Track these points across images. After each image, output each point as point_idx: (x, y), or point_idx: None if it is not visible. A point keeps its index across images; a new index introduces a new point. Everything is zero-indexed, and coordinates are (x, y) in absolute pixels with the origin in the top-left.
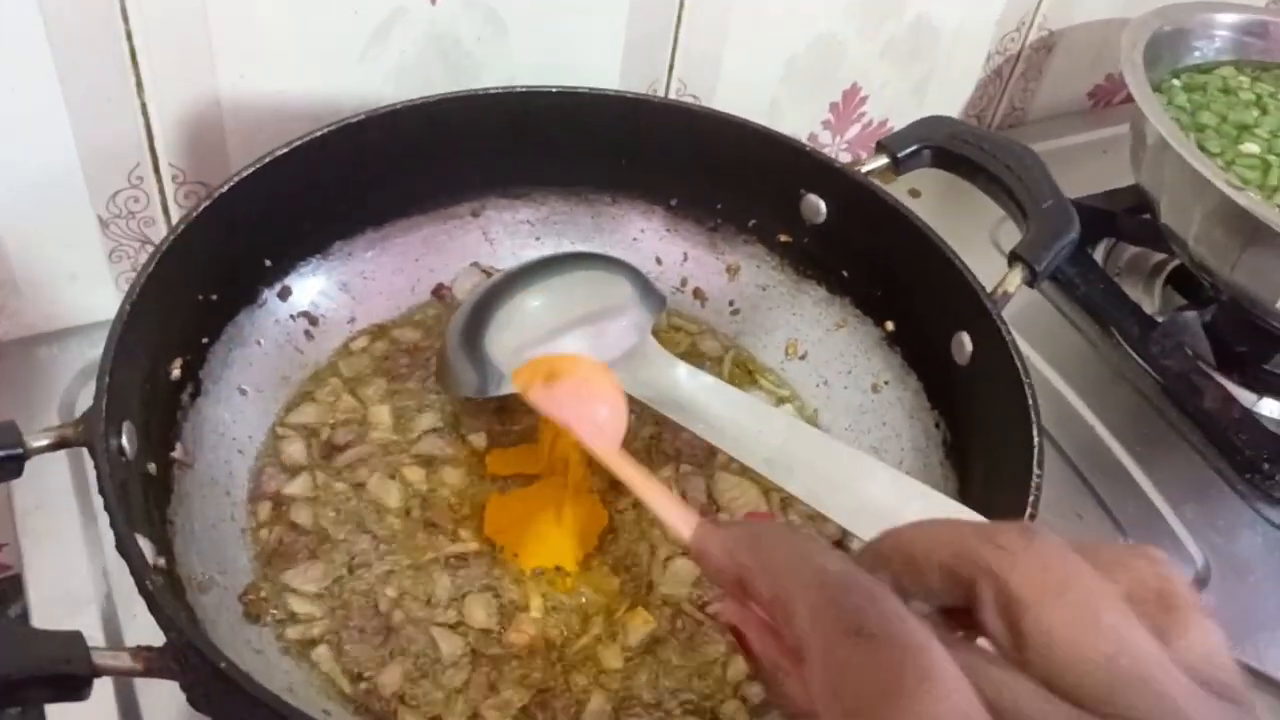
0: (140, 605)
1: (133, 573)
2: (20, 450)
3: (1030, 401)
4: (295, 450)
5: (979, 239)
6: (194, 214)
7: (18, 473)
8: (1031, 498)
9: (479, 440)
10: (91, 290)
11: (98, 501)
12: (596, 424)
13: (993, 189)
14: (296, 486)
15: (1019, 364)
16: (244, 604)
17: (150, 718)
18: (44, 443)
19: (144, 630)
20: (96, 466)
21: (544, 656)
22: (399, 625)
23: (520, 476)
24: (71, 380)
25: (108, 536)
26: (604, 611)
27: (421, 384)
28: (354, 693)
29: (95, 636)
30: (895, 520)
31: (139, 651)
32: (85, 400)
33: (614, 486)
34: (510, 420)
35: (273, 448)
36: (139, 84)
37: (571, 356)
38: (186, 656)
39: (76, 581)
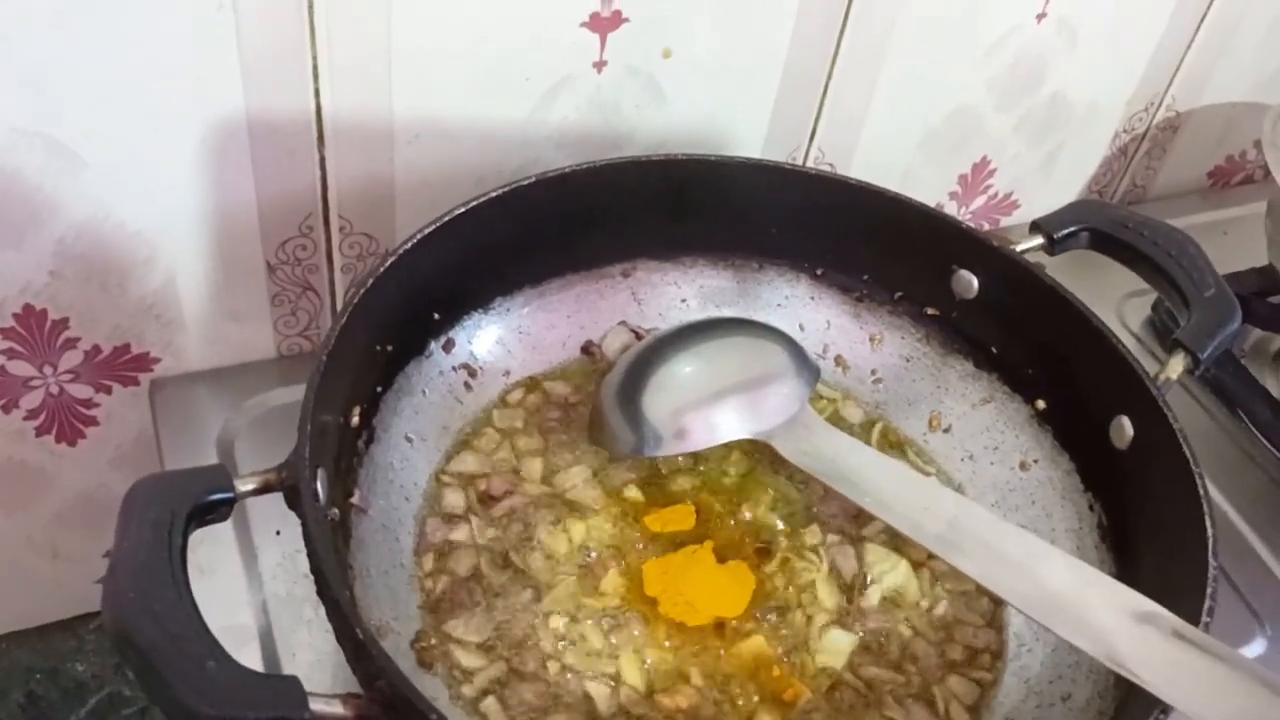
0: (299, 644)
1: (339, 621)
2: (232, 494)
3: (1202, 491)
4: (455, 500)
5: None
6: (382, 268)
7: (227, 516)
8: (1209, 589)
9: (631, 493)
10: (251, 332)
11: (258, 539)
12: None
13: (1152, 275)
14: (457, 535)
15: (1188, 452)
16: (416, 651)
17: None
18: (251, 487)
19: (303, 668)
20: (303, 515)
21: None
22: (556, 677)
23: (673, 534)
24: (227, 418)
25: (267, 574)
26: (756, 680)
27: (571, 437)
28: None
29: None
30: (1072, 605)
31: (349, 699)
32: (243, 437)
33: (760, 552)
34: (658, 477)
35: (435, 495)
36: (320, 138)
37: None
38: (395, 705)
39: (238, 617)
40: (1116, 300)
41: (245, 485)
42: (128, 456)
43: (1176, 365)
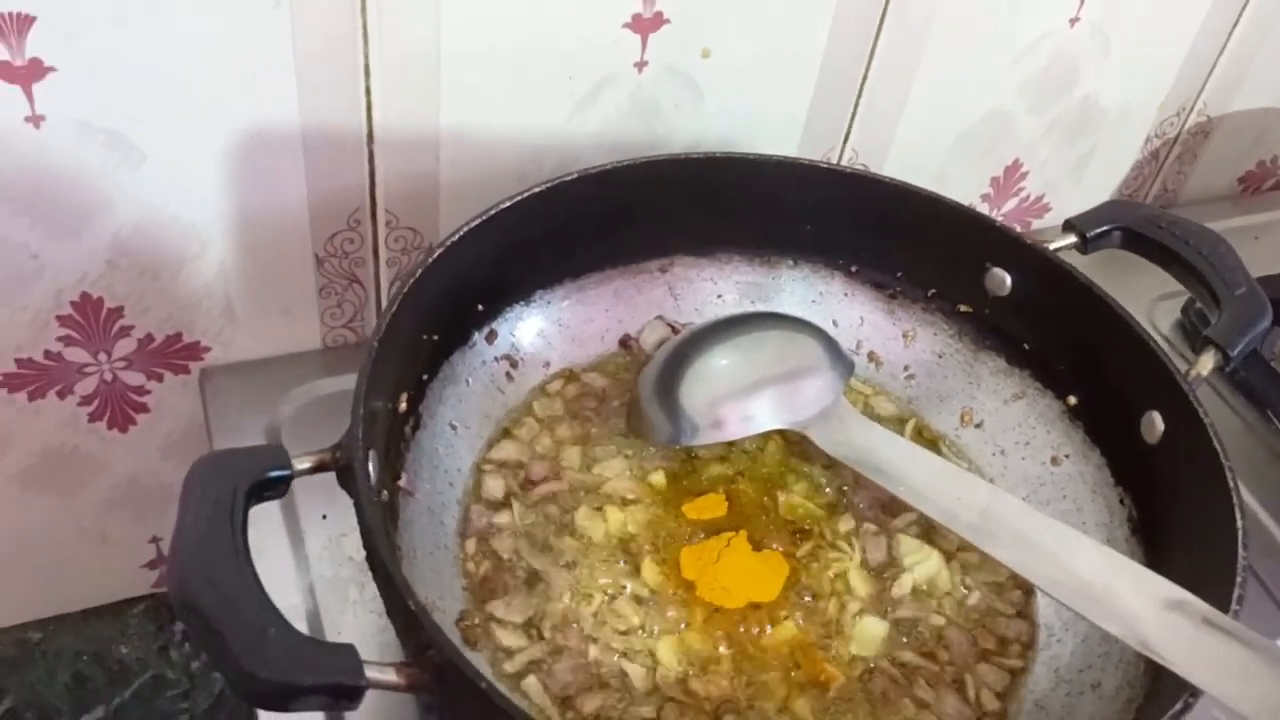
0: (345, 624)
1: (391, 596)
2: (289, 472)
3: (1232, 484)
4: (496, 486)
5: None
6: (430, 259)
7: (284, 493)
8: (1239, 579)
9: (665, 481)
10: (298, 323)
11: (305, 523)
12: None
13: (1184, 274)
14: (499, 520)
15: (1219, 447)
16: (460, 630)
17: None
18: (307, 465)
19: None
20: (356, 493)
21: (731, 708)
22: (595, 656)
23: (708, 521)
24: (276, 406)
25: (313, 556)
26: (790, 665)
27: (608, 428)
28: None
29: None
30: (1103, 592)
31: (402, 667)
32: (290, 425)
33: (794, 540)
34: (693, 465)
35: (477, 482)
36: (370, 135)
37: None
38: (445, 676)
39: (285, 598)
40: (1147, 303)
41: (302, 464)
42: (177, 444)
43: (1207, 362)
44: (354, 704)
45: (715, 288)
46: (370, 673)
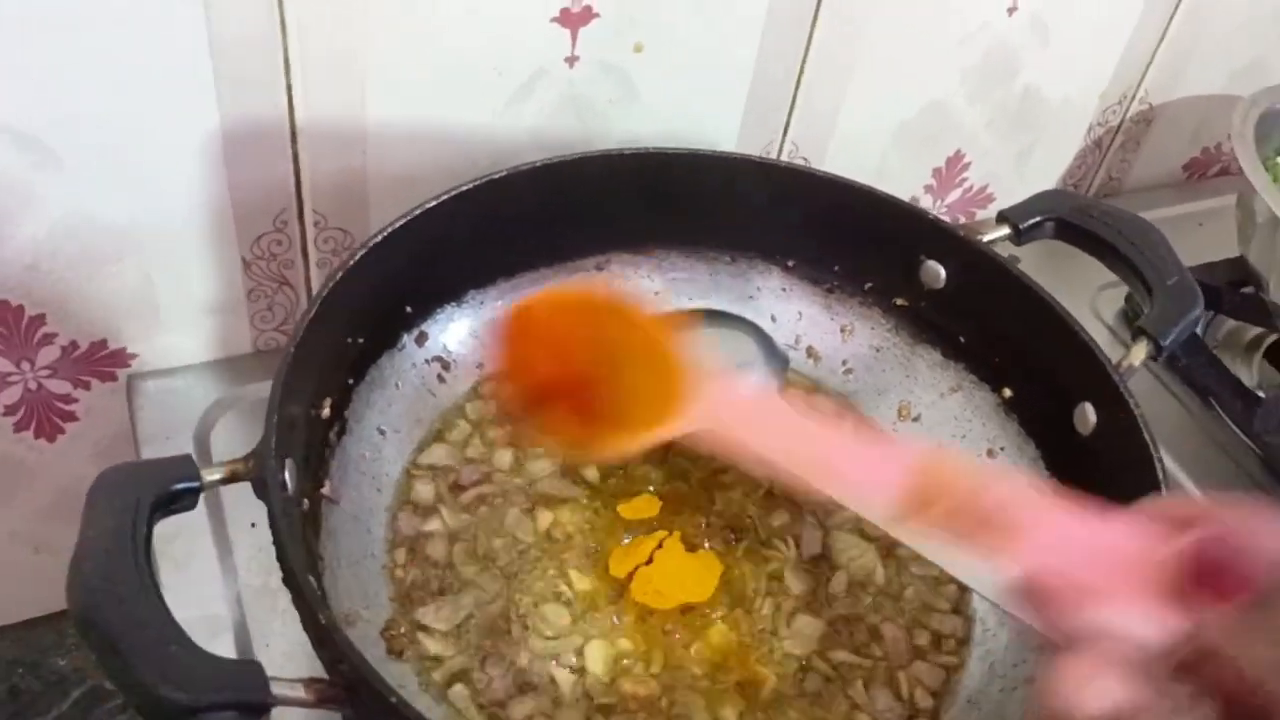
0: (273, 634)
1: (303, 608)
2: (198, 484)
3: (1160, 475)
4: (426, 491)
5: (1078, 308)
6: (351, 261)
7: (193, 505)
8: None
9: (593, 477)
10: (228, 327)
11: (233, 531)
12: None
13: (1116, 263)
14: (429, 526)
15: (1148, 438)
16: (385, 639)
17: None
18: (217, 476)
19: (277, 658)
20: (269, 503)
21: (661, 711)
22: (525, 663)
23: (642, 521)
24: (205, 412)
25: (241, 565)
26: (722, 669)
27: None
28: None
29: None
30: None
31: (311, 683)
32: (220, 432)
33: (729, 535)
34: (627, 466)
35: (407, 487)
36: (294, 134)
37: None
38: (356, 690)
39: (212, 608)
40: (1091, 292)
41: (211, 475)
42: (108, 451)
43: (1139, 352)
44: None
45: (652, 285)
46: (277, 689)
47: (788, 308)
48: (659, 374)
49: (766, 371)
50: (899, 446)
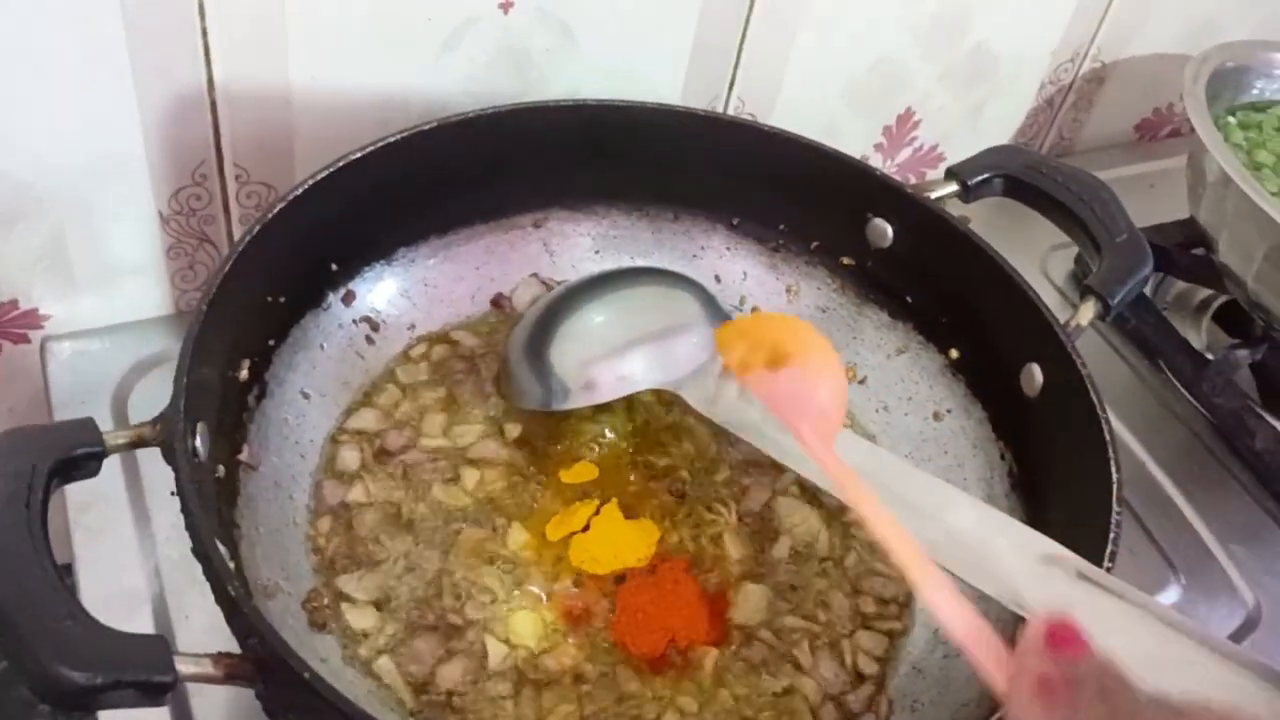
0: (193, 606)
1: (212, 578)
2: (100, 449)
3: (1108, 437)
4: (351, 457)
5: (1028, 269)
6: (269, 215)
7: (96, 471)
8: (1112, 534)
9: (524, 441)
10: (146, 287)
11: (151, 500)
12: (819, 425)
13: (1065, 221)
14: (354, 494)
15: (1095, 398)
16: (307, 611)
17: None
18: (122, 441)
19: (196, 632)
20: (176, 468)
21: (592, 683)
22: (455, 628)
23: (580, 486)
24: (124, 376)
25: (161, 536)
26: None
27: (477, 392)
28: (415, 704)
29: None
30: (979, 550)
31: (220, 658)
32: (138, 396)
33: (668, 499)
34: (563, 426)
35: (332, 453)
36: (210, 82)
37: (794, 325)
38: (268, 665)
39: (129, 581)
40: (1041, 253)
41: (116, 439)
42: (22, 418)
43: (1087, 311)
44: (162, 700)
45: (592, 243)
46: (182, 665)
47: (732, 267)
48: None
49: (707, 332)
50: None
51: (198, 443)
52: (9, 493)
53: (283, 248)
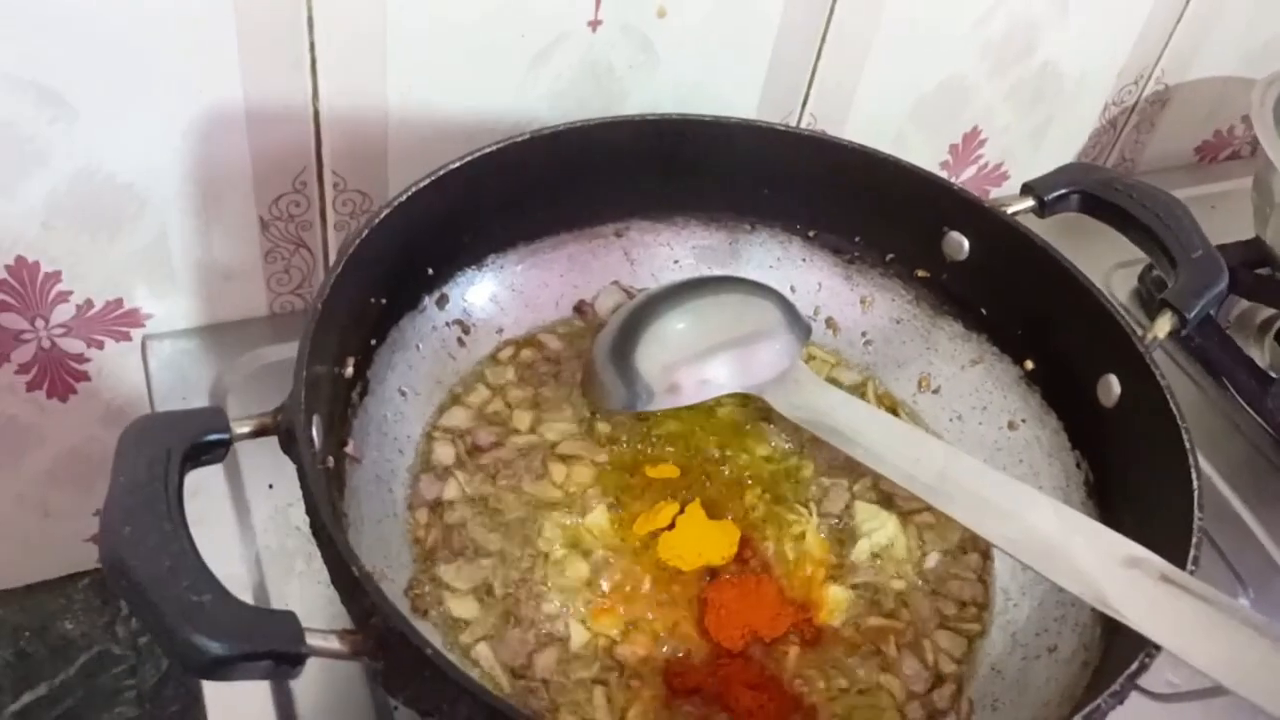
0: (291, 595)
1: (333, 559)
2: (227, 435)
3: (1188, 445)
4: (446, 453)
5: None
6: (376, 219)
7: (223, 457)
8: (1195, 539)
9: (612, 436)
10: (244, 289)
11: (251, 493)
12: None
13: (1140, 237)
14: (449, 491)
15: (1174, 408)
16: (410, 598)
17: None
18: (246, 429)
19: None
20: (298, 455)
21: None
22: (545, 617)
23: (664, 483)
24: (221, 374)
25: (259, 527)
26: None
27: (562, 392)
28: (511, 689)
29: None
30: (1061, 550)
31: (345, 635)
32: (235, 394)
33: (752, 501)
34: (648, 427)
35: (428, 449)
36: (315, 93)
37: None
38: (389, 642)
39: (230, 569)
40: (1105, 270)
41: (241, 427)
42: (119, 413)
43: (1164, 325)
44: (295, 672)
45: (671, 253)
46: (311, 640)
47: (808, 278)
48: None
49: (789, 339)
50: None
51: (313, 433)
52: (148, 475)
53: (385, 251)
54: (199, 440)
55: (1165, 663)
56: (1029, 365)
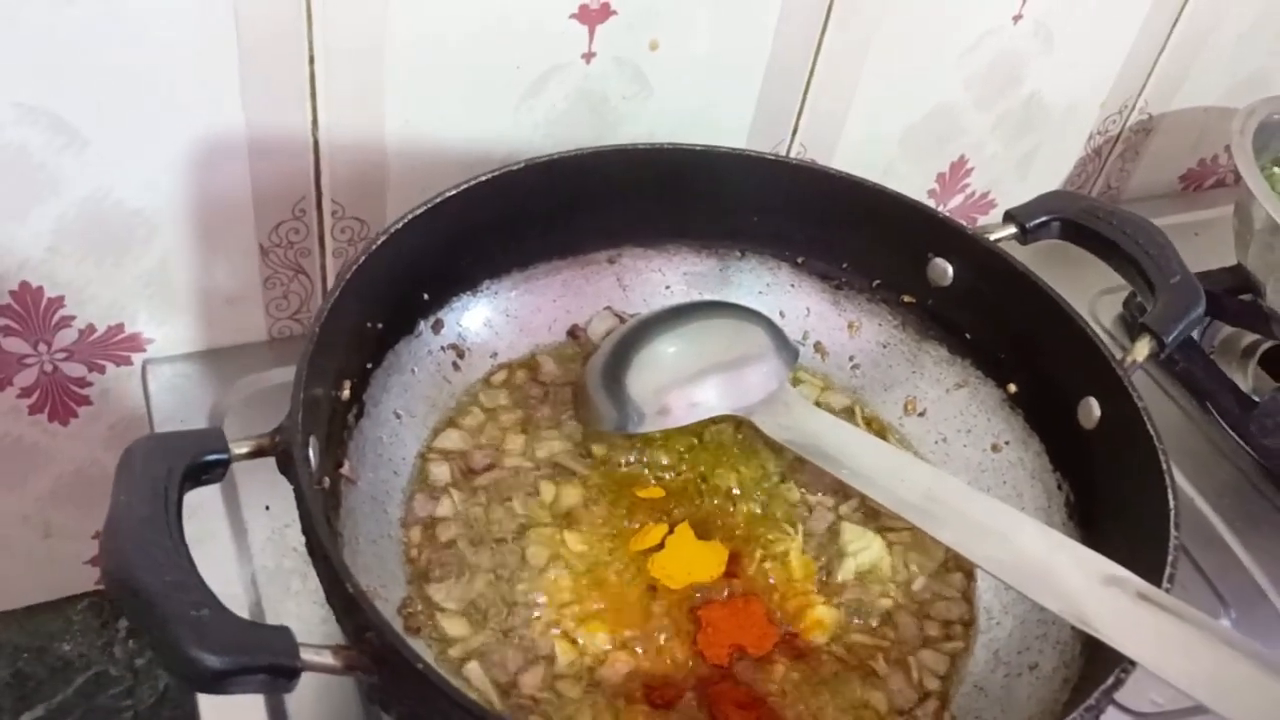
0: (288, 614)
1: (329, 577)
2: (226, 455)
3: (1165, 466)
4: (440, 474)
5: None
6: (374, 245)
7: (222, 477)
8: (1170, 557)
9: (602, 455)
10: (243, 314)
11: (247, 513)
12: None
13: (1120, 263)
14: (442, 508)
15: (1152, 429)
16: (403, 617)
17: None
18: (245, 450)
19: None
20: (295, 476)
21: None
22: (535, 637)
23: (653, 503)
24: (220, 398)
25: (256, 547)
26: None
27: (554, 415)
28: (502, 705)
29: None
30: (1043, 569)
31: (339, 650)
32: (234, 417)
33: (738, 523)
34: (637, 449)
35: (422, 471)
36: (315, 123)
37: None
38: (383, 658)
39: (227, 589)
40: (1089, 297)
41: (240, 448)
42: (120, 436)
43: (1142, 349)
44: (290, 686)
45: (663, 279)
46: (306, 654)
47: (796, 303)
48: None
49: (777, 362)
50: None
51: (310, 454)
52: (151, 493)
53: (382, 277)
54: (199, 460)
55: (1148, 682)
56: (1012, 388)
